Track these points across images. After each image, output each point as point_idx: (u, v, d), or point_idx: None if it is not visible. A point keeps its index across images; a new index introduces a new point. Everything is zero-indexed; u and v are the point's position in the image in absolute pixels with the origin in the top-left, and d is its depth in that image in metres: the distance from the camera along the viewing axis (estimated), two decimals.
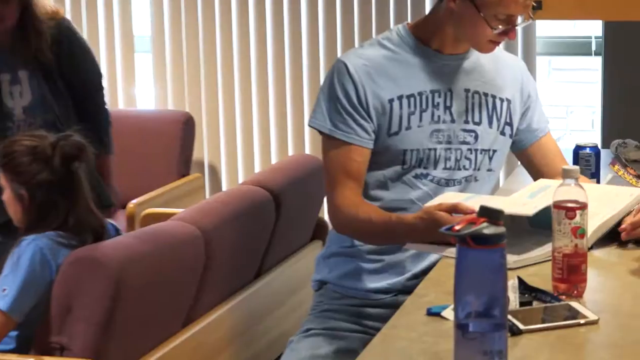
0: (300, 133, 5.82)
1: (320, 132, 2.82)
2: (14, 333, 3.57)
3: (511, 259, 2.40)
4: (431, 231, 2.47)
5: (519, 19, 2.77)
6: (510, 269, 2.26)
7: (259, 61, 5.81)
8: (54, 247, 3.57)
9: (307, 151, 5.77)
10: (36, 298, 3.53)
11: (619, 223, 2.65)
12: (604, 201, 2.70)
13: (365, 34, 5.60)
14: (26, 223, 3.65)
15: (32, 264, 3.52)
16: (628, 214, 2.67)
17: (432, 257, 2.75)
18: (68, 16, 5.95)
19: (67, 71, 4.51)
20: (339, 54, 5.63)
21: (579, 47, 5.46)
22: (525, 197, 2.72)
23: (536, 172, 3.02)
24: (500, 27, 2.71)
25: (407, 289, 2.74)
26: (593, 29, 5.17)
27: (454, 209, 2.49)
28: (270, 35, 5.77)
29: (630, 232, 2.57)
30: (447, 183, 2.85)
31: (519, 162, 3.33)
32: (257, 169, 5.83)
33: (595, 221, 2.58)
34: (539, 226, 2.55)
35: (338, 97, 2.77)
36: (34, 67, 4.42)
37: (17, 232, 3.68)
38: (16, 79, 4.43)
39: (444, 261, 2.55)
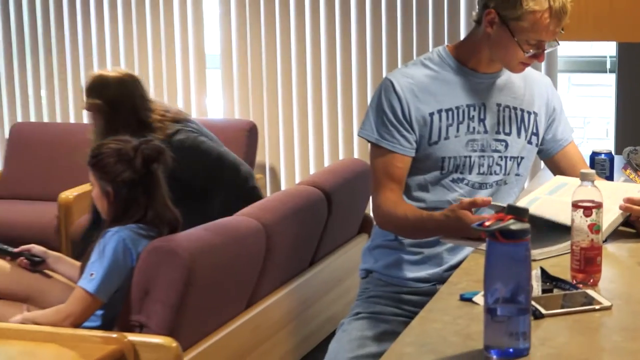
0: (349, 140, 5.83)
1: (368, 141, 2.84)
2: (99, 312, 3.61)
3: (535, 251, 2.39)
4: (456, 227, 2.51)
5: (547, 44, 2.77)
6: (534, 260, 2.26)
7: (314, 77, 5.83)
8: (135, 237, 3.60)
9: (356, 155, 5.78)
10: (119, 282, 3.57)
11: (628, 219, 2.65)
12: (616, 198, 2.68)
13: (407, 54, 5.60)
14: (111, 216, 3.68)
15: (115, 252, 3.56)
16: None
17: (467, 250, 2.73)
18: (148, 38, 6.02)
19: None
20: (384, 72, 5.64)
21: (595, 65, 5.44)
22: (544, 194, 2.72)
23: (562, 174, 2.96)
24: (531, 51, 2.71)
25: (444, 279, 2.71)
26: (608, 49, 5.15)
27: (473, 204, 2.51)
28: (324, 56, 5.78)
29: (627, 205, 2.58)
30: (481, 186, 2.85)
31: (542, 166, 3.33)
32: (312, 170, 5.83)
33: (609, 216, 2.57)
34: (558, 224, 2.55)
35: (385, 111, 2.78)
36: None
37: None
38: None
39: (475, 253, 2.55)
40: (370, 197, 2.93)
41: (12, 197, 5.96)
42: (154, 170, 3.66)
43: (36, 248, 3.99)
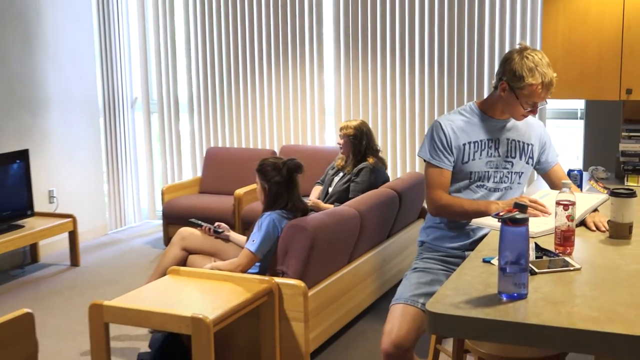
0: (413, 160, 5.80)
1: (424, 160, 2.82)
2: (257, 264, 3.65)
3: (532, 231, 2.38)
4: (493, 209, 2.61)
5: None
6: (532, 237, 2.24)
7: (392, 118, 5.80)
8: (280, 218, 3.64)
9: (417, 170, 5.75)
10: (270, 245, 3.60)
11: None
12: (584, 202, 2.66)
13: (450, 105, 5.56)
14: (265, 204, 3.73)
15: (268, 227, 3.60)
16: (595, 210, 2.65)
17: (486, 230, 2.70)
18: (281, 92, 6.02)
19: None
20: (435, 116, 5.59)
21: (570, 115, 5.33)
22: (538, 197, 2.71)
23: (550, 184, 2.96)
24: (528, 108, 2.69)
25: (470, 248, 2.70)
26: (579, 104, 5.04)
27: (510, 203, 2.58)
28: (399, 105, 5.75)
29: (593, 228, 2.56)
30: (495, 190, 2.79)
31: (536, 177, 3.27)
32: (391, 179, 5.81)
33: (579, 212, 2.52)
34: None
35: (435, 141, 2.75)
36: None
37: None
38: None
39: (493, 232, 2.52)
40: (425, 196, 2.90)
41: (207, 192, 6.07)
42: (294, 177, 3.71)
43: (222, 225, 4.07)
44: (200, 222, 4.08)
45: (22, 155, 5.15)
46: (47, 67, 5.62)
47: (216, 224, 4.06)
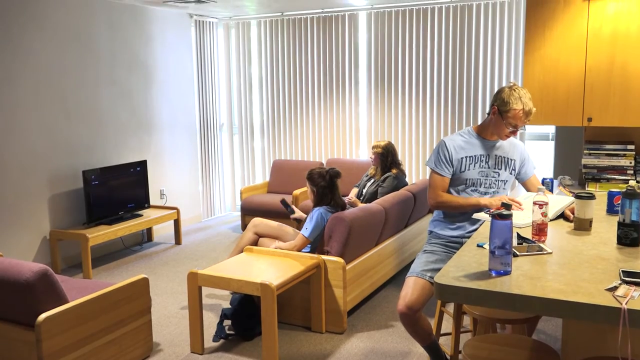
0: (425, 169, 5.72)
1: (430, 168, 2.77)
2: (309, 246, 3.65)
3: (516, 224, 2.33)
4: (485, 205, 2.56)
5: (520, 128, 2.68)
6: (516, 227, 2.20)
7: (409, 139, 5.75)
8: (326, 212, 3.63)
9: (427, 177, 5.66)
10: (318, 232, 3.59)
11: (562, 213, 2.53)
12: (555, 202, 2.59)
13: (452, 129, 5.48)
14: (314, 202, 3.72)
15: (317, 218, 3.59)
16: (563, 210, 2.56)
17: (479, 222, 2.66)
18: (327, 119, 6.00)
19: None
20: (441, 136, 5.52)
21: (544, 137, 5.19)
22: (521, 199, 2.64)
23: (527, 190, 2.86)
24: (511, 129, 2.63)
25: (467, 236, 2.69)
26: (550, 128, 4.91)
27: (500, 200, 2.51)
28: (415, 128, 5.70)
29: (570, 215, 2.48)
30: (485, 194, 2.73)
31: (517, 184, 3.20)
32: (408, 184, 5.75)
33: (551, 210, 2.47)
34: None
35: (440, 155, 2.70)
36: None
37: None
38: None
39: (485, 224, 2.47)
40: (427, 193, 2.85)
41: (273, 192, 6.08)
42: (335, 181, 3.68)
43: (298, 213, 4.08)
44: (287, 203, 4.09)
45: (142, 164, 5.24)
46: (160, 100, 5.72)
47: (297, 214, 4.07)
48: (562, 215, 2.54)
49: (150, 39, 5.55)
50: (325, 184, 3.66)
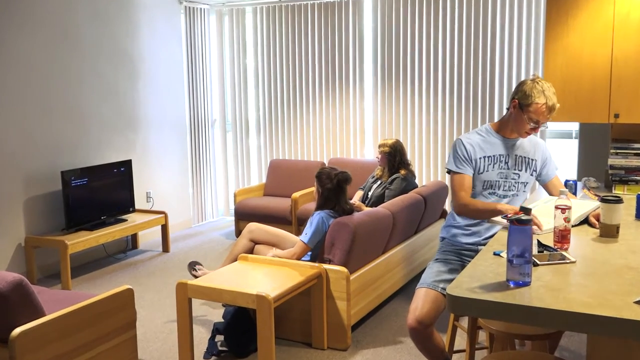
0: (436, 169, 5.73)
1: (451, 171, 2.75)
2: (309, 253, 3.65)
3: (537, 230, 2.34)
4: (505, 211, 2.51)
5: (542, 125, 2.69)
6: (535, 234, 2.21)
7: (420, 138, 5.76)
8: (328, 217, 3.63)
9: (439, 178, 5.68)
10: (319, 238, 3.59)
11: (587, 218, 2.53)
12: (579, 206, 2.59)
13: (467, 127, 5.48)
14: (317, 204, 3.73)
15: (317, 223, 3.59)
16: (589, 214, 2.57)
17: (496, 229, 2.65)
18: (330, 115, 6.01)
19: None
20: (454, 135, 5.53)
21: (567, 135, 5.20)
22: (542, 203, 2.65)
23: (549, 193, 2.88)
24: (532, 125, 2.63)
25: (482, 244, 2.69)
26: (574, 126, 4.91)
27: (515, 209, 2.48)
28: (424, 127, 5.71)
29: (595, 223, 2.48)
30: (504, 197, 2.73)
31: (537, 186, 3.20)
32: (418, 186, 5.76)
33: (575, 215, 2.47)
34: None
35: (457, 153, 2.71)
36: None
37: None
38: None
39: (501, 231, 2.47)
40: (450, 198, 2.84)
41: (269, 195, 6.09)
42: (342, 185, 3.69)
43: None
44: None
45: (127, 164, 5.24)
46: (147, 96, 5.72)
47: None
48: (586, 221, 2.54)
49: (137, 28, 5.56)
50: (332, 186, 3.66)
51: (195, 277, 4.04)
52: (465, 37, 5.42)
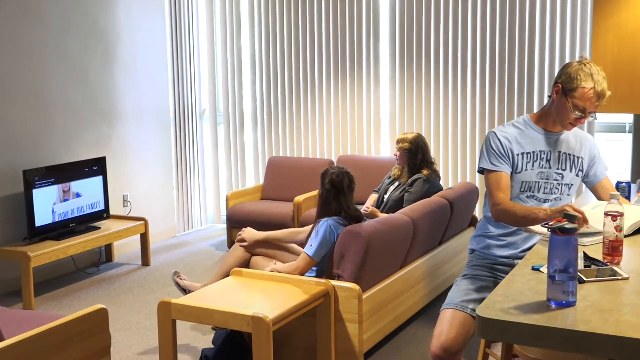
0: (464, 169, 5.73)
1: (485, 169, 2.74)
2: (315, 268, 3.65)
3: (582, 241, 2.34)
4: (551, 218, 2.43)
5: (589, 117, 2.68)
6: (582, 245, 2.21)
7: (445, 134, 5.77)
8: (336, 225, 3.63)
9: (468, 180, 5.68)
10: (326, 250, 3.60)
11: None
12: (633, 213, 2.59)
13: (501, 119, 5.49)
14: (319, 211, 3.75)
15: (325, 232, 3.60)
16: None
17: (534, 240, 2.66)
18: (339, 105, 6.02)
19: None
20: (487, 129, 5.53)
21: (619, 128, 5.19)
22: (589, 209, 2.63)
23: (598, 197, 2.88)
24: (578, 114, 2.63)
25: (519, 257, 2.69)
26: (627, 118, 4.91)
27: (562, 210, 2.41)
28: (451, 121, 5.72)
29: None
30: (545, 201, 2.74)
31: (584, 189, 3.21)
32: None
33: (628, 223, 2.46)
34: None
35: (492, 148, 2.71)
36: None
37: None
38: None
39: (541, 241, 2.47)
40: (485, 201, 2.83)
41: (268, 199, 6.11)
42: (340, 188, 3.69)
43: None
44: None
45: (100, 162, 5.27)
46: (124, 82, 5.75)
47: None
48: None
49: (112, 2, 5.59)
50: (330, 187, 3.69)
51: (181, 287, 4.06)
52: (500, 12, 5.41)
